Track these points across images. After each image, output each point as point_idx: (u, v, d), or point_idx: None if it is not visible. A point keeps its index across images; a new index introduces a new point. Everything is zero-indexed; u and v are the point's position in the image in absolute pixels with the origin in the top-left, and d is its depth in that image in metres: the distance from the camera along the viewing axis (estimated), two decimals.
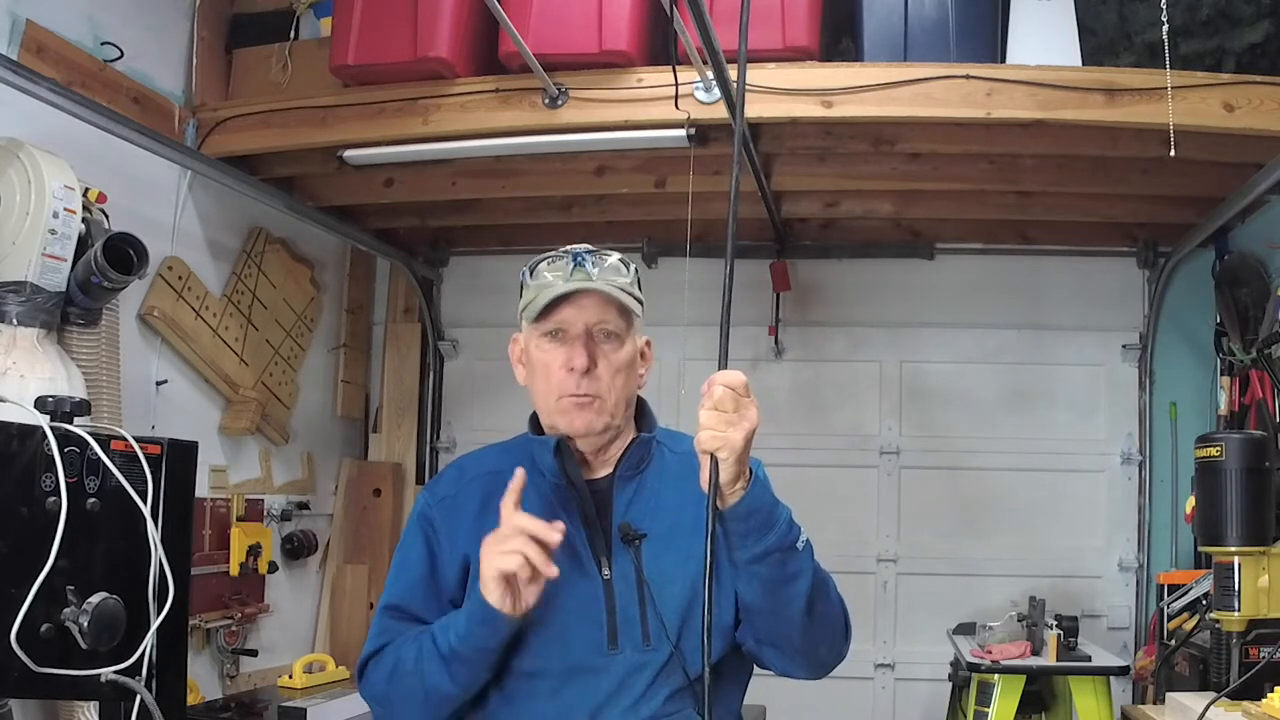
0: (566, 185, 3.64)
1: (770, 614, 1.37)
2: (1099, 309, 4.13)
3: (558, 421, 1.47)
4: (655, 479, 1.50)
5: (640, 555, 1.43)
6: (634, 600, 1.42)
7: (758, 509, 1.31)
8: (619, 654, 1.40)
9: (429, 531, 1.50)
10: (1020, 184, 3.46)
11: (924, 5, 3.05)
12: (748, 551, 1.32)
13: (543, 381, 1.48)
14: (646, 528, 1.45)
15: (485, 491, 1.49)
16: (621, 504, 1.47)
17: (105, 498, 1.74)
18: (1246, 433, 2.67)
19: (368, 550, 4.17)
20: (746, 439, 1.27)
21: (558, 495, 1.47)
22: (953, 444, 4.15)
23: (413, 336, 4.47)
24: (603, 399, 1.45)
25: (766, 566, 1.33)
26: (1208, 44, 2.96)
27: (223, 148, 3.26)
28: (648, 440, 1.51)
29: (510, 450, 1.55)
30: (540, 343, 1.48)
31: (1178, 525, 3.94)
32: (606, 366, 1.46)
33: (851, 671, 4.09)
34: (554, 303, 1.44)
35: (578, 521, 1.45)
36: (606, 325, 1.47)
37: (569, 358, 1.44)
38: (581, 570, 1.42)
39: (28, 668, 1.58)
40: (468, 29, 3.02)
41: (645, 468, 1.50)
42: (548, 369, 1.46)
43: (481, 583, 1.32)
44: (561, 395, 1.45)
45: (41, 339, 2.40)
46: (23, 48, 2.60)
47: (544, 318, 1.46)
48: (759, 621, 1.39)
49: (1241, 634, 2.32)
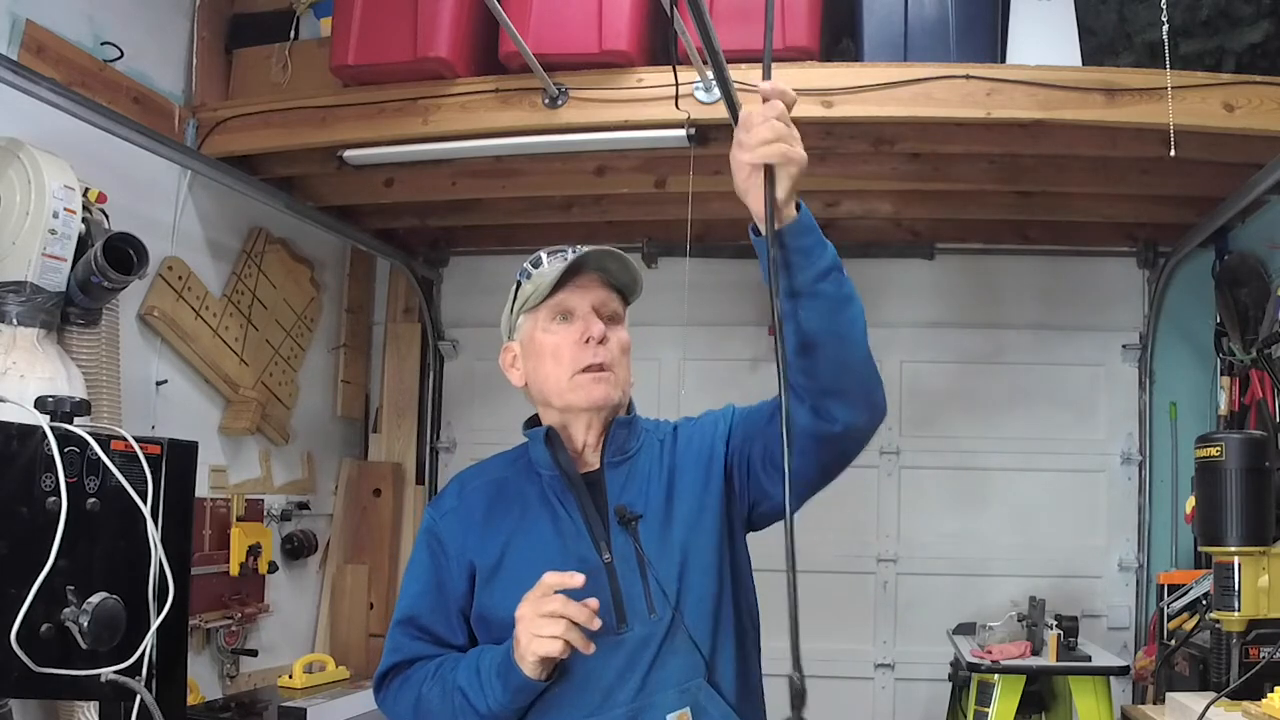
0: (566, 185, 3.64)
1: (836, 341, 1.34)
2: (1099, 309, 4.13)
3: (573, 399, 1.49)
4: (645, 462, 1.53)
5: (638, 534, 1.46)
6: (636, 578, 1.44)
7: (814, 223, 1.31)
8: (629, 631, 1.42)
9: (435, 546, 1.54)
10: (1020, 184, 3.46)
11: (924, 5, 3.05)
12: (813, 269, 1.30)
13: (552, 364, 1.50)
14: (641, 508, 1.48)
15: (488, 499, 1.53)
16: (615, 488, 1.50)
17: (105, 498, 1.74)
18: (1246, 433, 2.66)
19: (368, 550, 4.17)
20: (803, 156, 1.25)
21: (553, 488, 1.50)
22: (953, 444, 4.15)
23: (413, 336, 4.47)
24: (615, 372, 1.49)
25: (830, 283, 1.31)
26: (1208, 44, 2.96)
27: (223, 148, 3.26)
28: (627, 422, 1.54)
29: (507, 457, 1.59)
30: (548, 326, 1.51)
31: (1178, 525, 3.94)
32: (615, 342, 1.51)
33: (851, 671, 4.11)
34: (558, 286, 1.48)
35: (575, 510, 1.48)
36: (610, 305, 1.52)
37: (583, 330, 1.48)
38: (582, 559, 1.44)
39: (28, 668, 1.58)
40: (468, 29, 3.02)
41: (634, 453, 1.53)
42: (558, 349, 1.49)
43: (518, 655, 1.35)
44: (575, 370, 1.48)
45: (41, 339, 2.40)
46: (23, 48, 2.61)
47: (550, 300, 1.49)
48: (825, 355, 1.35)
49: (1241, 634, 2.32)
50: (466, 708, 1.41)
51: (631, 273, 1.54)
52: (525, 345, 1.54)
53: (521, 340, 1.55)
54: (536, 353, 1.52)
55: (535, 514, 1.49)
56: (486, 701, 1.39)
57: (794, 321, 1.33)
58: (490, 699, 1.39)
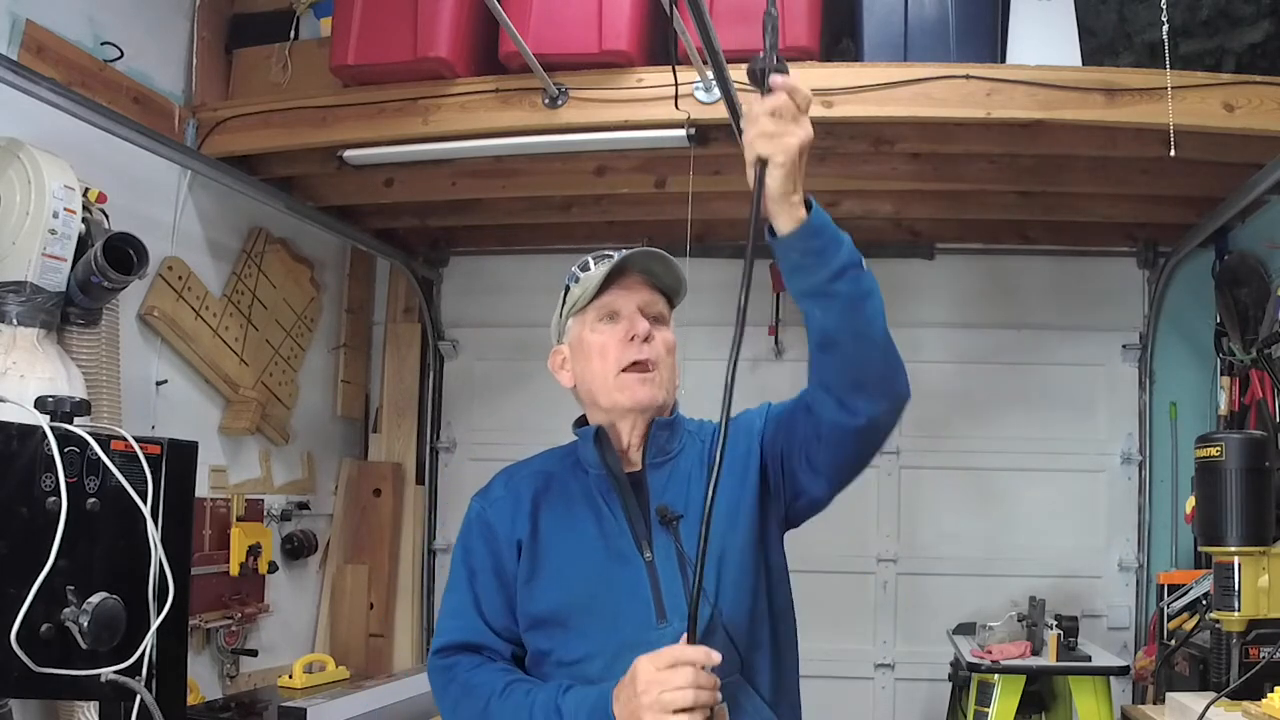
0: (566, 185, 3.64)
1: (855, 338, 1.34)
2: (1099, 309, 4.13)
3: (619, 398, 1.52)
4: (687, 463, 1.55)
5: (679, 533, 1.48)
6: (676, 576, 1.46)
7: (826, 223, 1.31)
8: (668, 626, 1.43)
9: (487, 533, 1.55)
10: (1020, 184, 3.46)
11: (924, 5, 3.05)
12: (826, 269, 1.30)
13: (599, 363, 1.53)
14: (681, 508, 1.50)
15: (535, 489, 1.56)
16: (657, 489, 1.52)
17: (105, 498, 1.74)
18: (1246, 433, 2.66)
19: (368, 550, 4.17)
20: (801, 146, 1.25)
21: (599, 486, 1.53)
22: (953, 444, 4.15)
23: (413, 336, 4.47)
24: (660, 371, 1.52)
25: (846, 282, 1.32)
26: (1208, 44, 2.96)
27: (223, 148, 3.26)
28: (668, 423, 1.56)
29: (556, 453, 1.62)
30: (595, 326, 1.54)
31: (1178, 525, 3.94)
32: (660, 341, 1.54)
33: (851, 671, 4.11)
34: (604, 288, 1.52)
35: (618, 509, 1.51)
36: (655, 307, 1.56)
37: (629, 329, 1.51)
38: (624, 557, 1.47)
39: (28, 668, 1.59)
40: (468, 29, 3.02)
41: (676, 455, 1.55)
42: (604, 348, 1.53)
43: (630, 710, 1.30)
44: (621, 369, 1.51)
45: (41, 339, 2.40)
46: (23, 48, 2.61)
47: (596, 300, 1.53)
48: (844, 352, 1.35)
49: (1241, 634, 2.32)
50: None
51: (676, 275, 1.58)
52: (574, 346, 1.58)
53: (570, 342, 1.59)
54: (584, 353, 1.55)
55: (580, 511, 1.52)
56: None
57: (812, 320, 1.34)
58: None
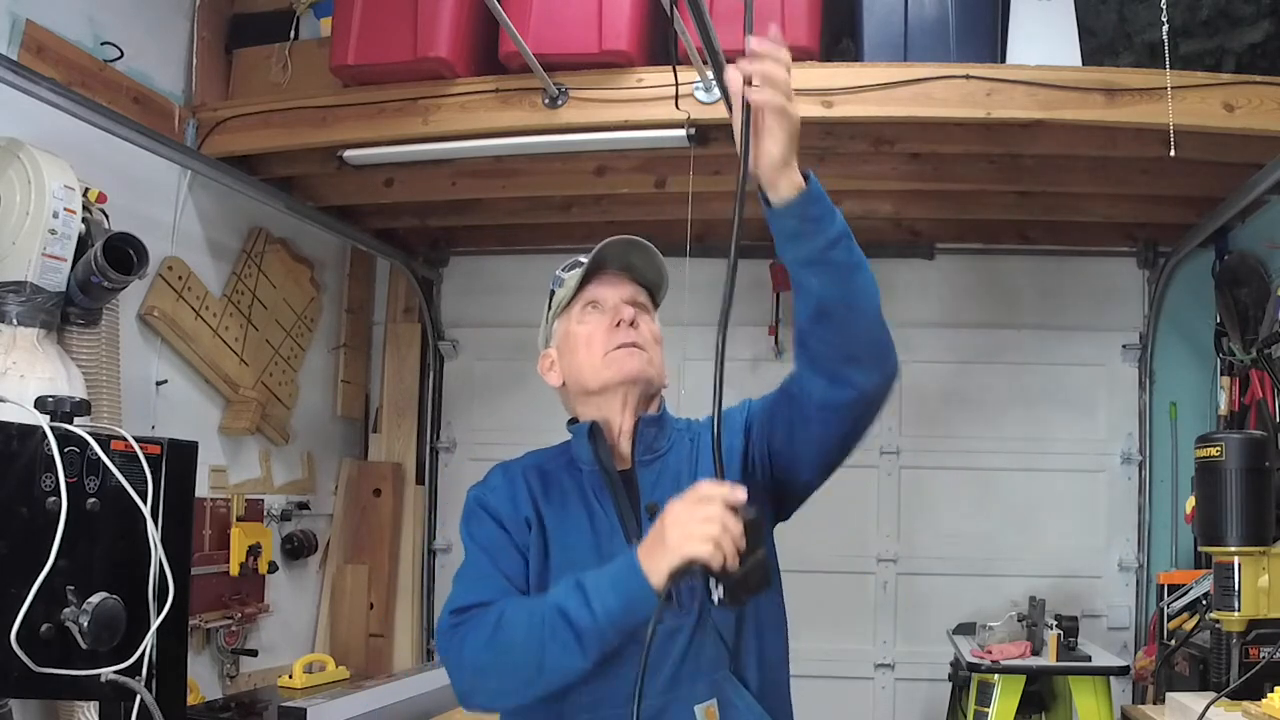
0: (566, 185, 3.64)
1: (849, 308, 1.34)
2: (1099, 309, 4.13)
3: (607, 374, 1.52)
4: (675, 460, 1.55)
5: None
6: None
7: (823, 192, 1.31)
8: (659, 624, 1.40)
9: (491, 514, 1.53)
10: (1020, 184, 3.46)
11: (924, 5, 3.05)
12: (823, 237, 1.30)
13: (585, 351, 1.54)
14: None
15: (533, 481, 1.56)
16: (647, 486, 1.52)
17: (105, 498, 1.74)
18: (1246, 433, 2.66)
19: (367, 550, 4.17)
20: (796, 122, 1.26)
21: (591, 483, 1.53)
22: (952, 444, 4.15)
23: (413, 336, 4.47)
24: (648, 352, 1.54)
25: (841, 250, 1.31)
26: (1208, 44, 2.96)
27: (223, 148, 3.26)
28: (655, 420, 1.56)
29: (550, 451, 1.62)
30: (581, 318, 1.56)
31: (1178, 525, 3.94)
32: (646, 328, 1.56)
33: (851, 671, 4.11)
34: (587, 280, 1.55)
35: (610, 507, 1.51)
36: (639, 299, 1.58)
37: (614, 315, 1.53)
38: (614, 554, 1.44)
39: (28, 668, 1.58)
40: (468, 29, 3.02)
41: (665, 453, 1.55)
42: (590, 337, 1.54)
43: (657, 556, 1.29)
44: (608, 350, 1.52)
45: (41, 339, 2.40)
46: (23, 48, 2.61)
47: (579, 295, 1.55)
48: (838, 322, 1.34)
49: (1241, 634, 2.32)
50: (562, 626, 1.33)
51: (657, 267, 1.59)
52: (561, 344, 1.59)
53: (557, 342, 1.60)
54: (571, 346, 1.56)
55: (575, 508, 1.52)
56: (593, 613, 1.32)
57: (807, 290, 1.33)
58: (598, 609, 1.32)
